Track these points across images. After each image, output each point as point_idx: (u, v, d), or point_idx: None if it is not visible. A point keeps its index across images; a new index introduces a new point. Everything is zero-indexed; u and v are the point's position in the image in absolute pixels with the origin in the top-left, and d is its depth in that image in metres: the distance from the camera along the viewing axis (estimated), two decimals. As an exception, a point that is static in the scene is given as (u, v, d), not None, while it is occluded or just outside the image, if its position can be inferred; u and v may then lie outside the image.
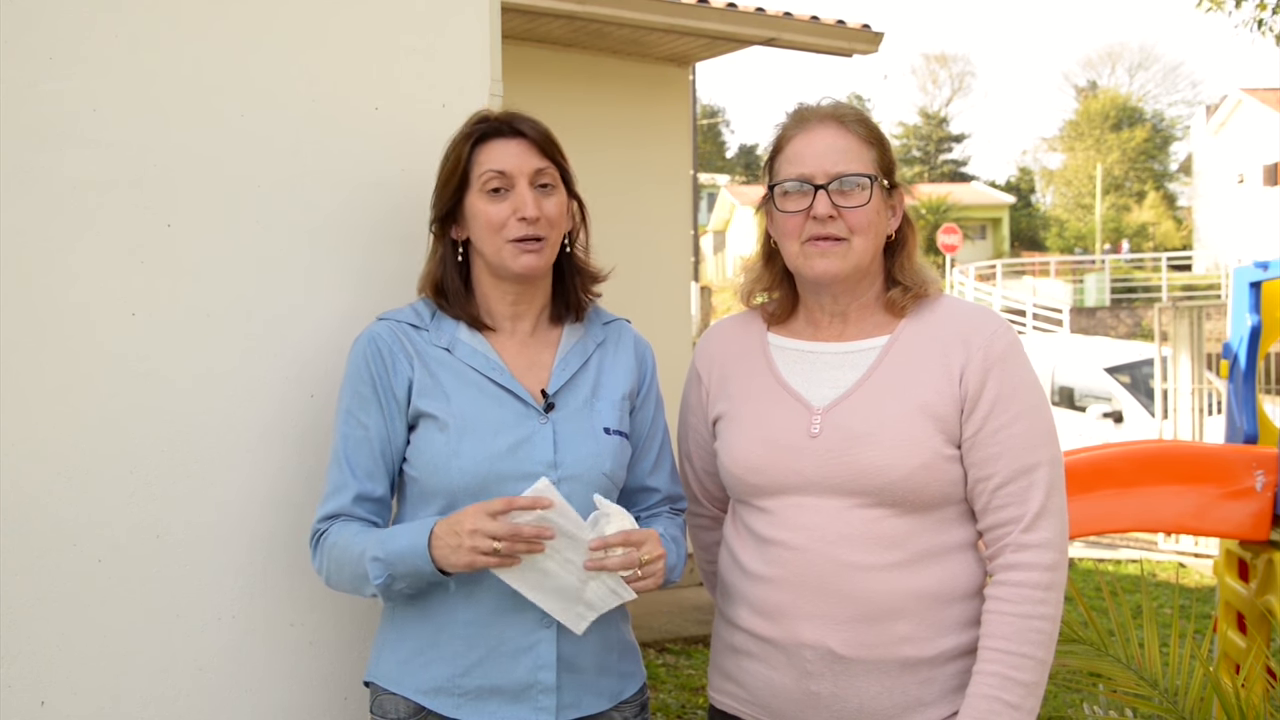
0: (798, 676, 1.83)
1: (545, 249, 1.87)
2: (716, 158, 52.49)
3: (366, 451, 1.84)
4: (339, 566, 1.82)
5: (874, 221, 1.86)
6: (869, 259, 1.88)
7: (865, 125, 1.89)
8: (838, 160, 1.84)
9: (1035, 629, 1.76)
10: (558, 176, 1.89)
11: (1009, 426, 1.80)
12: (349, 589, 1.84)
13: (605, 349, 1.98)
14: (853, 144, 1.86)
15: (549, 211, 1.86)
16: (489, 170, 1.85)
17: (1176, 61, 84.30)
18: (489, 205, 1.85)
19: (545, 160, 1.88)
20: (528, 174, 1.85)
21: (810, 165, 1.85)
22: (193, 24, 1.95)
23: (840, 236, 1.84)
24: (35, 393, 1.83)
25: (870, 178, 1.85)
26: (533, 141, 1.87)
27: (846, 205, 1.84)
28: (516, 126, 1.87)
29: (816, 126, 1.88)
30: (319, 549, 1.85)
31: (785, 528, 1.84)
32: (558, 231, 1.90)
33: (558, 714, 1.84)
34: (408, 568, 1.74)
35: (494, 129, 1.88)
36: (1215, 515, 3.84)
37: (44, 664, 1.84)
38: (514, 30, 6.30)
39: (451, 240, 1.92)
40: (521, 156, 1.86)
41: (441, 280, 1.92)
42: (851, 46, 7.37)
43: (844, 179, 1.84)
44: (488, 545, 1.67)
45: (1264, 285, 4.38)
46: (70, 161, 1.85)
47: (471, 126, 1.89)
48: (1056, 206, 51.14)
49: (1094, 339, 16.82)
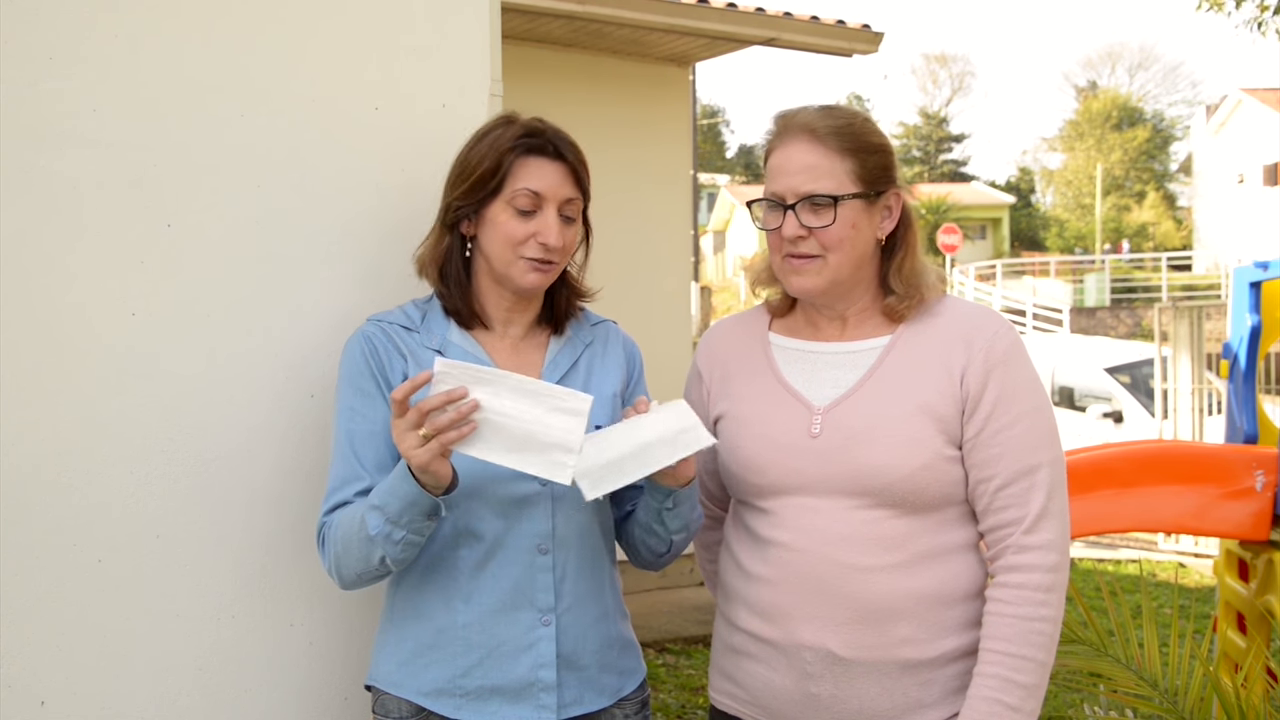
0: (797, 678, 1.83)
1: (554, 271, 1.89)
2: (716, 158, 52.47)
3: (375, 445, 1.83)
4: (345, 544, 1.77)
5: (848, 237, 1.83)
6: (848, 272, 1.86)
7: (841, 135, 1.84)
8: (806, 179, 1.82)
9: (1036, 631, 1.76)
10: (580, 210, 1.91)
11: (1010, 428, 1.80)
12: (359, 567, 1.78)
13: (594, 349, 1.99)
14: (822, 159, 1.83)
15: (566, 241, 1.88)
16: (524, 188, 1.84)
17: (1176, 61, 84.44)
18: (513, 220, 1.85)
19: (577, 191, 1.89)
20: (558, 201, 1.86)
21: (780, 184, 1.85)
22: (193, 24, 1.95)
23: (813, 254, 1.84)
24: (35, 393, 1.83)
25: (835, 198, 1.81)
26: (571, 169, 1.88)
27: (815, 225, 1.82)
28: (561, 150, 1.87)
29: (790, 141, 1.86)
30: (326, 542, 1.82)
31: (785, 528, 1.84)
32: (568, 257, 1.92)
33: (559, 712, 1.84)
34: (399, 500, 1.69)
35: (540, 146, 1.86)
36: (1215, 515, 3.84)
37: (44, 664, 1.84)
38: (514, 30, 6.30)
39: (461, 234, 1.92)
40: (558, 183, 1.86)
41: (444, 268, 1.92)
42: (851, 46, 7.37)
43: (810, 199, 1.82)
44: (416, 439, 1.65)
45: (1264, 285, 4.38)
46: (70, 161, 1.85)
47: (518, 138, 1.86)
48: (1056, 206, 51.16)
49: (1094, 339, 16.82)
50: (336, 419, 1.87)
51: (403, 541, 1.72)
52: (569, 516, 1.85)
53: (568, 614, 1.85)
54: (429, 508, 1.70)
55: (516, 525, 1.83)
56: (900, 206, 1.90)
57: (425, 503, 1.69)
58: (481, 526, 1.82)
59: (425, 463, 1.65)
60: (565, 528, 1.85)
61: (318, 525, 1.85)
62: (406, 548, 1.74)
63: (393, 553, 1.73)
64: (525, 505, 1.83)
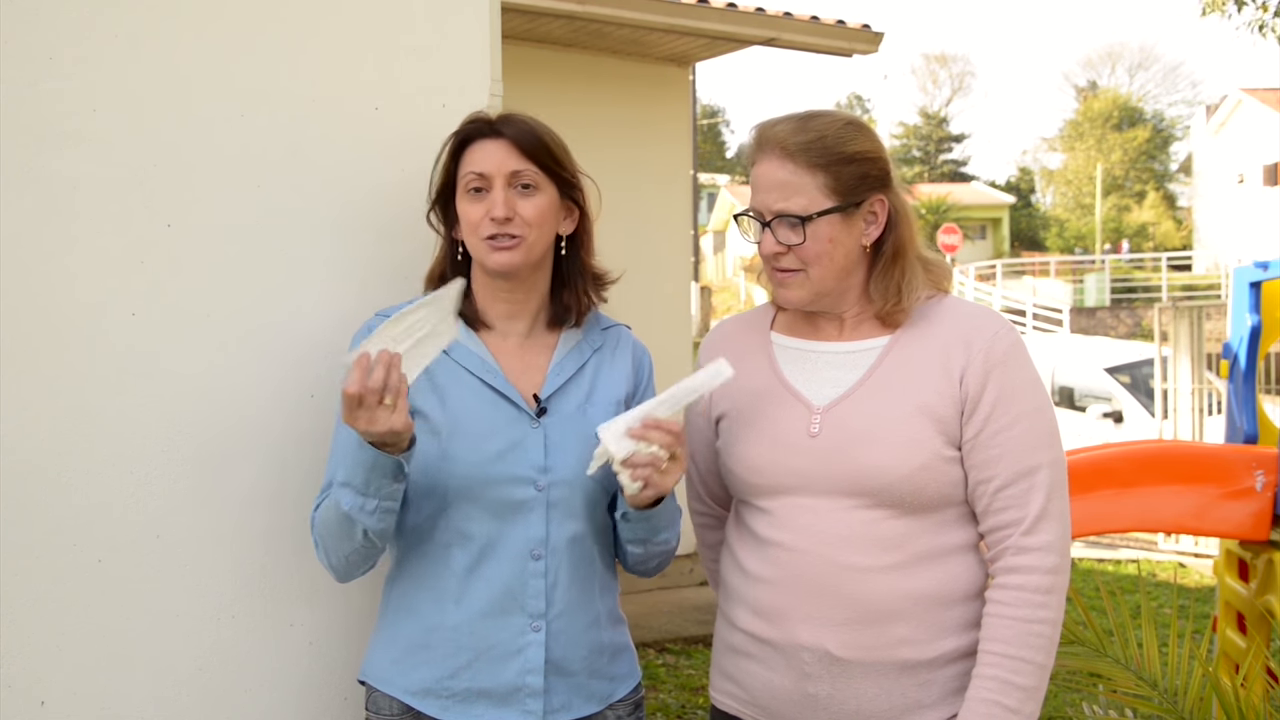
0: (795, 678, 1.83)
1: (521, 248, 1.86)
2: (716, 158, 52.46)
3: None
4: (327, 528, 1.80)
5: (825, 251, 1.83)
6: (832, 283, 1.86)
7: (810, 151, 1.81)
8: (777, 197, 1.82)
9: (1035, 633, 1.76)
10: (542, 177, 1.88)
11: (1009, 429, 1.79)
12: (346, 548, 1.79)
13: (602, 354, 1.98)
14: (792, 177, 1.81)
15: (524, 212, 1.85)
16: (470, 172, 1.87)
17: (1176, 62, 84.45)
18: (469, 205, 1.87)
19: (526, 161, 1.86)
20: (505, 175, 1.86)
21: (757, 200, 1.85)
22: (192, 24, 1.95)
23: (795, 269, 1.84)
24: (35, 392, 1.83)
25: (803, 218, 1.80)
26: (513, 142, 1.86)
27: (791, 243, 1.83)
28: (498, 128, 1.88)
29: (763, 157, 1.85)
30: (316, 538, 1.84)
31: (784, 528, 1.84)
32: (537, 231, 1.87)
33: (545, 717, 1.83)
34: (362, 469, 1.69)
35: (478, 130, 1.89)
36: (1215, 515, 3.84)
37: (44, 664, 1.84)
38: (514, 30, 6.30)
39: (453, 239, 1.94)
40: (500, 158, 1.86)
41: (443, 275, 1.94)
42: (851, 46, 7.37)
43: (784, 217, 1.82)
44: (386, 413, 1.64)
45: (1264, 285, 4.38)
46: (70, 161, 1.85)
47: (460, 127, 1.91)
48: (1056, 206, 51.16)
49: (1094, 339, 16.82)
50: (337, 415, 1.86)
51: (377, 511, 1.73)
52: (563, 523, 1.85)
53: (558, 620, 1.85)
54: (392, 469, 1.70)
55: (510, 529, 1.82)
56: (885, 212, 1.87)
57: (387, 464, 1.69)
58: (473, 528, 1.82)
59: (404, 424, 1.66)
60: (559, 534, 1.84)
61: (310, 519, 1.86)
62: (383, 516, 1.74)
63: (370, 524, 1.74)
64: (519, 510, 1.82)
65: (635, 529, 1.87)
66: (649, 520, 1.85)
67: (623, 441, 1.74)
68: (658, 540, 1.90)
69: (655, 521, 1.86)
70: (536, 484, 1.82)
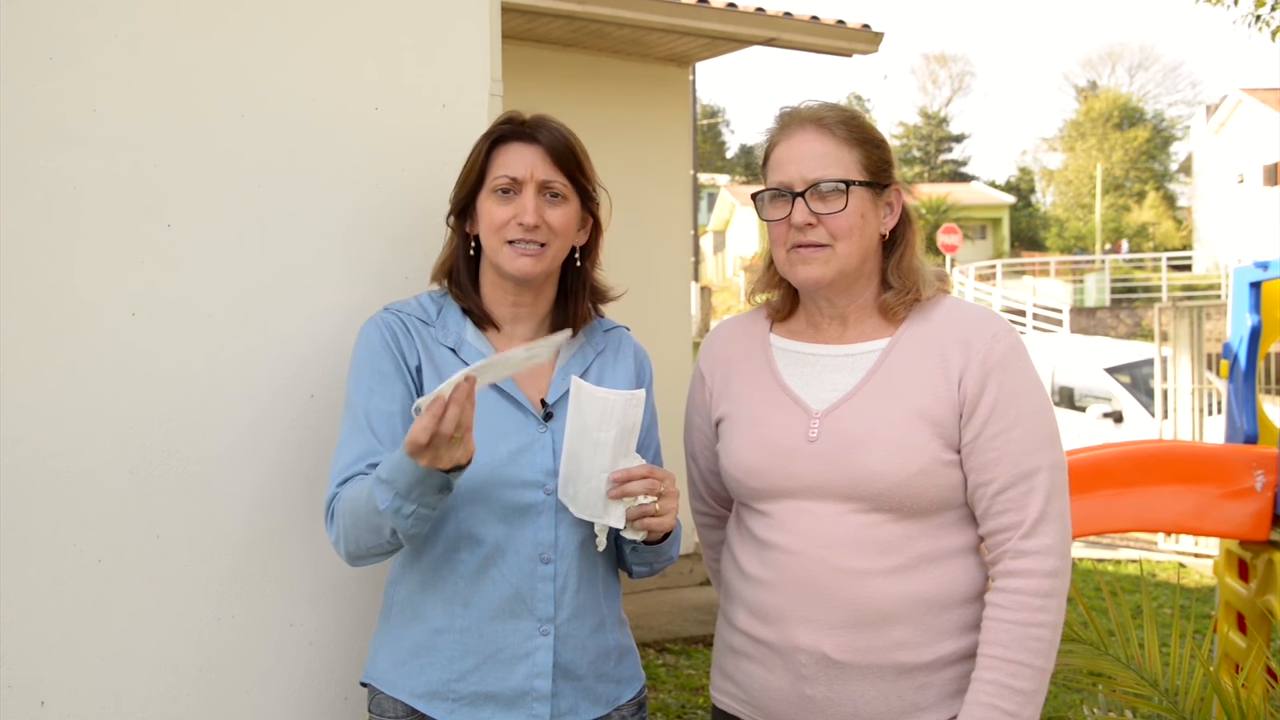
0: (793, 680, 1.83)
1: (545, 255, 1.87)
2: (716, 158, 52.48)
3: (392, 424, 1.81)
4: (354, 517, 1.74)
5: (857, 225, 1.84)
6: (856, 262, 1.86)
7: (848, 126, 1.86)
8: (815, 166, 1.83)
9: (1034, 637, 1.75)
10: (570, 189, 1.89)
11: (1008, 431, 1.79)
12: (370, 540, 1.75)
13: (605, 357, 1.98)
14: (831, 147, 1.84)
15: (552, 220, 1.87)
16: (501, 174, 1.87)
17: (1176, 61, 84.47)
18: (495, 206, 1.87)
19: (557, 171, 1.88)
20: (536, 182, 1.86)
21: (788, 172, 1.85)
22: (193, 24, 1.95)
23: (822, 243, 1.84)
24: (35, 393, 1.83)
25: (846, 183, 1.82)
26: (548, 150, 1.87)
27: (825, 211, 1.82)
28: (535, 134, 1.88)
29: (796, 131, 1.87)
30: (335, 515, 1.79)
31: (782, 531, 1.84)
32: (561, 240, 1.89)
33: None
34: (407, 475, 1.65)
35: (514, 132, 1.89)
36: (1215, 515, 3.84)
37: (44, 664, 1.84)
38: (514, 30, 6.30)
39: (465, 234, 1.94)
40: (533, 164, 1.87)
41: (454, 269, 1.94)
42: (851, 46, 7.37)
43: (820, 185, 1.82)
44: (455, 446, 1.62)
45: (1264, 285, 4.39)
46: (71, 161, 1.85)
47: (495, 126, 1.91)
48: (1056, 206, 51.15)
49: (1094, 339, 16.82)
50: (350, 398, 1.85)
51: (413, 516, 1.69)
52: (572, 527, 1.84)
53: (566, 624, 1.84)
54: (440, 483, 1.67)
55: (519, 533, 1.82)
56: (900, 204, 1.91)
57: (436, 479, 1.66)
58: (482, 531, 1.81)
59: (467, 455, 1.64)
60: (568, 538, 1.84)
61: (327, 498, 1.83)
62: (417, 522, 1.70)
63: (403, 526, 1.70)
64: (528, 514, 1.82)
65: (644, 556, 1.91)
66: (658, 550, 1.89)
67: (612, 510, 1.75)
68: (663, 559, 1.94)
69: (663, 549, 1.90)
70: (545, 488, 1.82)
